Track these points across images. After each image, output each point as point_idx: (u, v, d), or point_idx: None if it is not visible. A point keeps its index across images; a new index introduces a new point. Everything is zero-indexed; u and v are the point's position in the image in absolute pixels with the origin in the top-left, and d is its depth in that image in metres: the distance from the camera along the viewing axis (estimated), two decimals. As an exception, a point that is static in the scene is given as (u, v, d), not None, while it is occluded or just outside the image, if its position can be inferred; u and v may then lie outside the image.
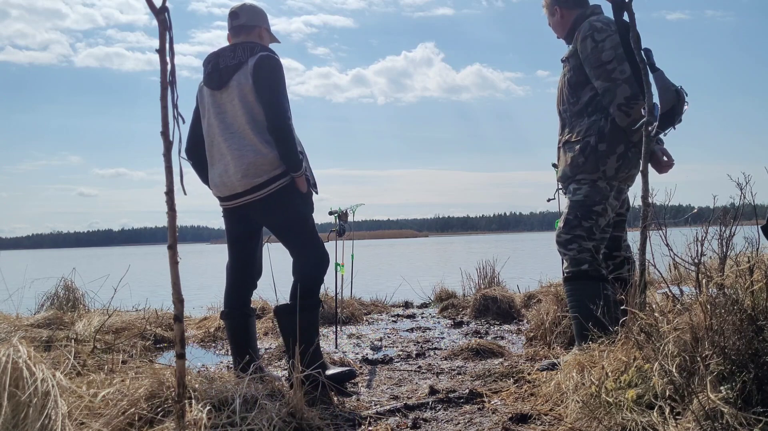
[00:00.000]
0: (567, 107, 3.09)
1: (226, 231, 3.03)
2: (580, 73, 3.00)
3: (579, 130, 3.01)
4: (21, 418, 1.74)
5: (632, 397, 1.84)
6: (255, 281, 3.10)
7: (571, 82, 3.06)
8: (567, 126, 3.10)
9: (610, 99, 2.89)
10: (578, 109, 3.05)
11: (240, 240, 2.99)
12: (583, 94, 3.03)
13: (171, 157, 1.74)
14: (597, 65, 2.90)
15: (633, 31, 2.56)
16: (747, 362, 1.74)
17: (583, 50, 2.95)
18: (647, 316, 2.21)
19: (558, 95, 3.17)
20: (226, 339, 4.19)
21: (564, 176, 3.10)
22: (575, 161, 2.99)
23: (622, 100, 2.84)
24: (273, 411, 1.99)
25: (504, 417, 2.24)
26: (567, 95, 3.08)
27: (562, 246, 3.03)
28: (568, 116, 3.09)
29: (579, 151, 2.99)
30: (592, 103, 3.00)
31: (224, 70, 2.85)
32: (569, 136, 3.05)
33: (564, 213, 3.08)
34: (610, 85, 2.87)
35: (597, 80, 2.92)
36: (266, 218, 2.91)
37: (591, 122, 2.99)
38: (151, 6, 1.69)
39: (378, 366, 3.28)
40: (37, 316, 4.29)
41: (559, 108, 3.16)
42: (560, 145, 3.13)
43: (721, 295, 1.93)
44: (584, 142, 2.98)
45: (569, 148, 3.04)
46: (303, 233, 2.90)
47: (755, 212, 2.18)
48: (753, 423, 1.60)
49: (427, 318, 5.16)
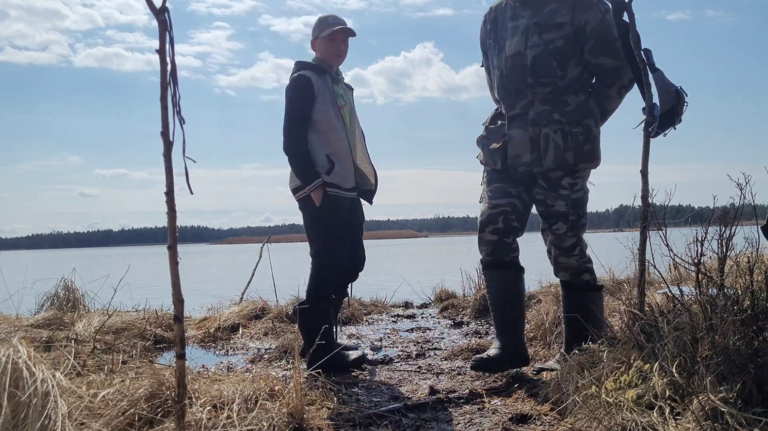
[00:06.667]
0: (550, 80, 2.71)
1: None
2: (573, 43, 2.70)
3: (568, 110, 2.71)
4: (21, 418, 1.75)
5: (632, 397, 1.84)
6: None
7: (563, 52, 2.70)
8: (539, 101, 2.73)
9: (614, 78, 2.72)
10: (564, 84, 2.72)
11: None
12: (569, 68, 2.72)
13: (171, 157, 1.75)
14: (609, 40, 2.67)
15: (633, 31, 2.56)
16: (747, 362, 1.74)
17: (590, 20, 2.68)
18: (647, 316, 2.21)
19: (531, 64, 2.73)
20: (226, 339, 4.22)
21: (560, 164, 2.72)
22: (581, 149, 2.71)
23: (627, 82, 2.74)
24: (273, 411, 1.99)
25: (504, 417, 2.24)
26: (554, 66, 2.70)
27: (565, 253, 2.80)
28: (546, 91, 2.73)
29: (583, 137, 2.71)
30: (580, 80, 2.76)
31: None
32: (552, 115, 2.72)
33: (560, 211, 2.77)
34: (618, 63, 2.69)
35: (604, 56, 2.70)
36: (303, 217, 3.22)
37: (580, 102, 2.73)
38: (151, 6, 1.69)
39: (378, 367, 3.28)
40: (37, 317, 4.29)
41: (528, 79, 2.74)
42: (533, 119, 2.73)
43: (721, 295, 1.93)
44: (585, 125, 2.72)
45: (559, 129, 2.70)
46: (317, 239, 3.14)
47: (755, 212, 2.18)
48: (753, 423, 1.60)
49: (427, 318, 5.16)
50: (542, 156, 2.74)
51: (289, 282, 5.65)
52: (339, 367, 3.06)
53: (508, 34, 2.81)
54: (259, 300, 5.04)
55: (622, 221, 11.66)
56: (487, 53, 3.01)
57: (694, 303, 2.02)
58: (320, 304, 3.08)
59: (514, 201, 2.86)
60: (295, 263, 15.85)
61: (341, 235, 3.15)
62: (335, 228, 3.12)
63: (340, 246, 3.15)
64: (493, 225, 2.84)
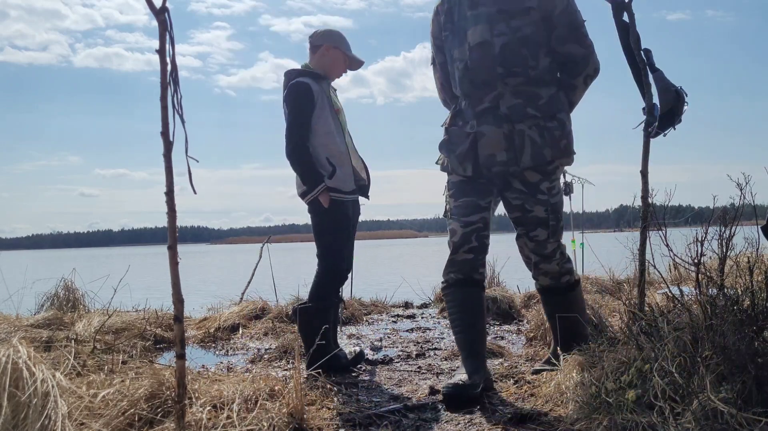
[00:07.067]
0: (521, 69, 2.53)
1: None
2: (541, 30, 2.53)
3: (541, 103, 2.55)
4: (21, 419, 1.75)
5: (632, 397, 1.84)
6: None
7: (533, 40, 2.52)
8: (510, 93, 2.55)
9: (582, 68, 2.58)
10: (535, 74, 2.55)
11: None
12: (540, 58, 2.55)
13: (171, 157, 1.75)
14: (576, 26, 2.55)
15: (633, 31, 2.56)
16: (747, 362, 1.74)
17: (557, 4, 2.53)
18: (647, 316, 2.21)
19: (500, 53, 2.53)
20: (226, 339, 4.22)
21: (538, 161, 2.55)
22: (557, 144, 2.57)
23: (592, 72, 2.62)
24: (273, 411, 1.99)
25: (504, 417, 2.24)
26: (525, 55, 2.52)
27: (546, 259, 2.67)
28: (518, 81, 2.54)
29: (559, 132, 2.56)
30: (550, 71, 2.60)
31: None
32: (526, 109, 2.53)
33: (540, 217, 2.62)
34: (586, 52, 2.57)
35: (572, 44, 2.55)
36: (310, 220, 3.26)
37: (552, 94, 2.57)
38: (151, 6, 1.69)
39: (378, 367, 3.28)
40: (37, 317, 4.29)
41: (498, 69, 2.54)
42: (505, 113, 2.54)
43: (721, 295, 1.93)
44: (559, 120, 2.57)
45: (534, 124, 2.53)
46: (323, 242, 3.19)
47: (755, 212, 2.18)
48: (753, 423, 1.60)
49: (427, 318, 5.16)
50: (518, 155, 2.55)
51: (289, 282, 5.65)
52: (339, 367, 3.07)
53: (468, 24, 2.59)
54: (259, 300, 5.04)
55: (622, 221, 11.65)
56: (441, 48, 2.79)
57: (694, 303, 2.02)
58: (323, 305, 3.12)
59: (485, 215, 2.68)
60: (295, 263, 15.84)
61: (345, 238, 3.22)
62: (339, 232, 3.19)
63: (343, 248, 3.22)
64: (468, 245, 2.66)
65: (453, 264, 2.69)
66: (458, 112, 2.74)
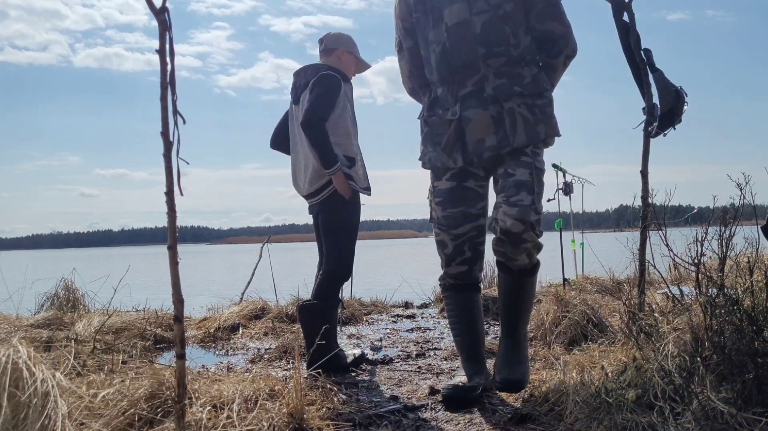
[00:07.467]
0: (504, 49, 2.38)
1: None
2: (520, 7, 2.42)
3: (526, 82, 2.42)
4: (21, 419, 1.74)
5: (632, 397, 1.84)
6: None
7: (513, 17, 2.40)
8: (494, 75, 2.40)
9: (562, 47, 2.47)
10: (518, 54, 2.42)
11: (318, 235, 3.37)
12: (521, 36, 2.42)
13: (171, 157, 1.75)
14: (554, 2, 2.45)
15: (633, 31, 2.56)
16: (747, 362, 1.74)
17: None
18: (647, 316, 2.21)
19: (481, 32, 2.38)
20: (226, 339, 4.23)
21: (533, 139, 2.41)
22: (550, 121, 2.46)
23: (571, 52, 2.50)
24: (273, 411, 1.99)
25: (504, 417, 2.24)
26: (508, 33, 2.39)
27: (531, 228, 2.32)
28: (500, 62, 2.40)
29: (550, 109, 2.48)
30: (531, 50, 2.47)
31: (298, 88, 3.24)
32: (513, 88, 2.40)
33: (523, 179, 2.35)
34: (566, 30, 2.47)
35: (552, 21, 2.44)
36: (321, 218, 3.27)
37: (535, 74, 2.45)
38: (151, 6, 1.69)
39: (378, 367, 3.28)
40: (37, 317, 4.29)
41: (479, 50, 2.39)
42: (491, 94, 2.39)
43: (721, 295, 1.93)
44: (546, 97, 2.47)
45: (522, 102, 2.40)
46: (336, 240, 3.20)
47: (755, 212, 2.19)
48: (753, 423, 1.60)
49: (427, 318, 5.16)
50: (509, 134, 2.38)
51: (289, 283, 5.66)
52: (339, 367, 3.07)
53: (444, 3, 2.42)
54: (259, 300, 5.04)
55: (622, 221, 11.66)
56: (411, 31, 2.61)
57: (694, 303, 2.02)
58: (328, 303, 3.14)
59: (477, 223, 2.55)
60: (295, 263, 15.84)
61: (356, 237, 3.26)
62: (353, 231, 3.23)
63: (354, 243, 3.26)
64: (461, 257, 2.55)
65: (446, 275, 2.64)
66: (434, 100, 2.56)
